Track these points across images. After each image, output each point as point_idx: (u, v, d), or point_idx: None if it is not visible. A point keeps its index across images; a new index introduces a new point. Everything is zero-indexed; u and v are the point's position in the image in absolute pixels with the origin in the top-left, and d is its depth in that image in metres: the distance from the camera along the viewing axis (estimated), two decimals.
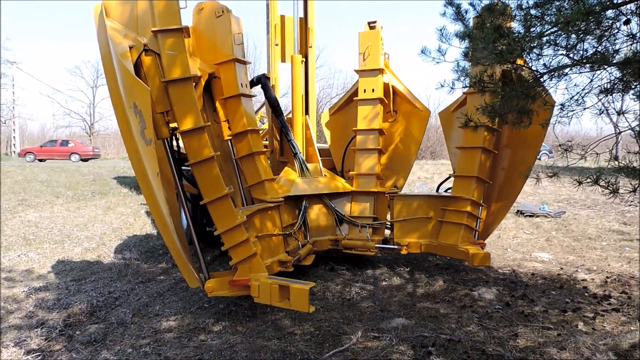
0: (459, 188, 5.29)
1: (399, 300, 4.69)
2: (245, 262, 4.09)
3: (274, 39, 6.31)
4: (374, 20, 5.89)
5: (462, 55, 3.29)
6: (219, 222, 4.03)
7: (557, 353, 3.46)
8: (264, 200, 4.86)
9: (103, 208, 10.41)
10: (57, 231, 8.05)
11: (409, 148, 6.01)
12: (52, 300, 4.69)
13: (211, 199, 3.96)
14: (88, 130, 36.10)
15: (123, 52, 3.47)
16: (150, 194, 3.36)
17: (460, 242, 5.10)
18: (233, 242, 4.05)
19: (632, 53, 2.49)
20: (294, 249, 5.06)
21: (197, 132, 3.91)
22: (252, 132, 4.76)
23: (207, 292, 4.00)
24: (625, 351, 3.47)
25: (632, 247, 6.71)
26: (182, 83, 3.84)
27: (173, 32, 3.78)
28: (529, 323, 4.01)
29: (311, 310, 3.72)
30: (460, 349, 3.54)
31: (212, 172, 3.96)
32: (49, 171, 18.41)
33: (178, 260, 3.70)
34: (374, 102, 5.78)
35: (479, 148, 5.10)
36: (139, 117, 3.38)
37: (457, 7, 3.58)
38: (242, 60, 4.72)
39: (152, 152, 3.54)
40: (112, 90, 3.23)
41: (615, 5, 2.76)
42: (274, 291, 3.81)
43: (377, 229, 5.68)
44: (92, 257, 6.37)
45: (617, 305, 4.42)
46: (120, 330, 4.03)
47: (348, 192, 5.80)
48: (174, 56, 3.79)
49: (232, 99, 4.72)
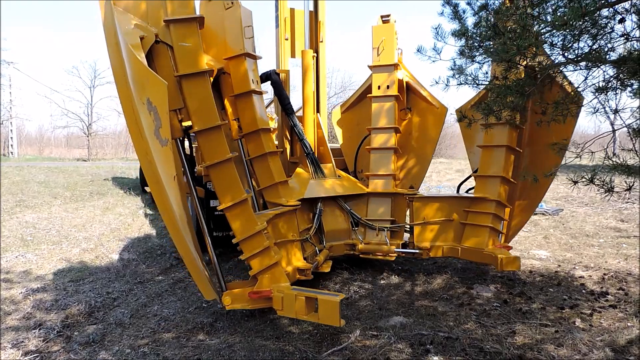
0: (483, 188, 5.03)
1: (397, 298, 4.70)
2: (265, 272, 3.82)
3: (284, 33, 6.04)
4: (387, 14, 5.66)
5: (458, 53, 3.30)
6: (238, 229, 3.75)
7: (555, 350, 3.48)
8: (278, 204, 4.58)
9: (101, 208, 10.39)
10: (55, 232, 8.03)
11: (424, 147, 5.76)
12: (50, 301, 4.69)
13: (229, 204, 3.69)
14: (86, 130, 35.94)
15: (134, 42, 3.19)
16: (163, 200, 3.06)
17: (486, 245, 4.85)
18: (253, 251, 3.77)
19: (628, 52, 2.50)
20: (311, 255, 4.83)
21: (214, 131, 3.65)
22: (264, 131, 4.48)
23: (224, 306, 3.74)
24: (622, 347, 3.49)
25: (629, 244, 6.74)
26: (198, 78, 3.57)
27: (187, 22, 3.50)
28: (527, 320, 4.03)
29: (342, 325, 3.44)
30: (458, 346, 3.55)
31: (230, 175, 3.71)
32: (47, 172, 18.37)
33: (193, 271, 3.44)
34: (389, 99, 5.51)
35: (503, 146, 4.85)
36: (154, 115, 3.08)
37: (454, 6, 3.60)
38: (253, 55, 4.41)
39: (167, 154, 3.24)
40: (121, 84, 2.95)
41: (610, 4, 2.77)
42: (300, 303, 3.51)
43: (395, 232, 5.41)
44: (90, 258, 6.36)
45: (614, 301, 4.44)
46: (118, 330, 4.03)
47: (364, 194, 5.51)
48: (188, 48, 3.51)
49: (243, 96, 4.42)
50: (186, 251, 3.29)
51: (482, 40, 2.99)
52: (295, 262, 4.50)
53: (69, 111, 38.02)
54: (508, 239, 5.33)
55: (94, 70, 47.10)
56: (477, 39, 3.08)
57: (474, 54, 3.13)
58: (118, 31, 2.98)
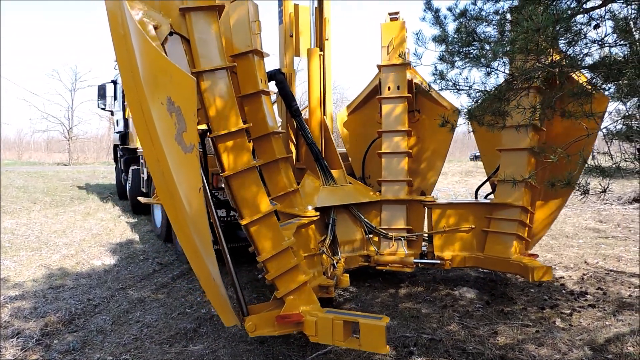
0: (505, 194, 4.71)
1: (382, 301, 4.72)
2: (293, 293, 3.41)
3: (288, 29, 5.70)
4: (395, 12, 5.37)
5: (439, 59, 3.35)
6: (264, 247, 3.34)
7: (536, 349, 3.54)
8: (293, 215, 4.17)
9: (82, 214, 10.22)
10: (34, 238, 7.87)
11: (435, 151, 5.45)
12: (28, 309, 4.59)
13: (255, 218, 3.27)
14: (67, 134, 35.33)
15: (150, 32, 2.81)
16: (178, 216, 2.66)
17: (512, 254, 4.57)
18: (280, 270, 3.34)
19: (601, 58, 2.57)
20: (328, 270, 4.46)
21: (237, 136, 3.26)
22: (275, 135, 4.05)
23: (248, 332, 3.32)
24: (600, 346, 3.56)
25: (607, 245, 6.89)
26: (217, 75, 3.19)
27: (207, 11, 3.12)
28: (509, 321, 4.09)
29: (387, 352, 3.11)
30: (442, 348, 3.58)
31: (254, 185, 3.32)
32: (26, 176, 18.01)
33: (214, 298, 3.06)
34: (400, 100, 5.20)
35: (525, 150, 4.55)
36: (176, 116, 2.67)
37: (436, 11, 3.65)
38: (261, 53, 4.02)
39: (192, 162, 2.78)
40: (128, 80, 2.57)
41: (586, 10, 2.85)
42: (337, 329, 3.11)
43: (412, 242, 5.09)
44: (71, 264, 6.25)
45: (593, 301, 4.54)
46: (99, 338, 3.97)
47: (376, 201, 5.16)
48: (206, 41, 3.13)
49: (252, 97, 3.95)
50: (206, 277, 2.91)
51: (462, 46, 3.04)
52: (316, 278, 4.07)
53: (49, 115, 37.43)
54: (529, 247, 5.04)
55: (74, 74, 46.55)
56: (457, 45, 3.13)
57: (454, 60, 3.18)
58: (128, 19, 2.53)
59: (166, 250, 6.95)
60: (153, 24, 2.88)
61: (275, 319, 3.32)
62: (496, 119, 3.55)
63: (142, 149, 2.58)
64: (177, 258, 6.48)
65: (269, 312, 3.39)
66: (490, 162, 5.17)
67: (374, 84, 5.61)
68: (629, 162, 2.38)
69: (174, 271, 5.91)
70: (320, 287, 3.97)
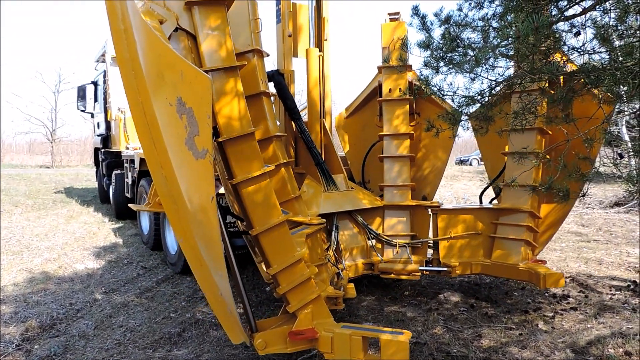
0: (512, 198, 4.59)
1: (367, 305, 4.73)
2: (306, 307, 3.22)
3: (287, 29, 5.45)
4: (395, 12, 5.21)
5: (423, 64, 3.39)
6: (275, 258, 3.15)
7: (519, 352, 3.58)
8: (296, 222, 3.95)
9: (65, 217, 10.06)
10: (15, 241, 7.72)
11: (437, 155, 5.29)
12: (8, 313, 4.50)
13: (265, 228, 3.09)
14: (50, 136, 34.75)
15: (158, 27, 2.64)
16: (182, 225, 2.40)
17: (521, 261, 4.46)
18: (292, 283, 3.15)
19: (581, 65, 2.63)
20: (334, 279, 4.29)
21: (248, 140, 3.07)
22: (277, 138, 3.84)
23: (257, 350, 3.12)
24: (582, 348, 3.62)
25: (589, 248, 7.01)
26: (227, 74, 3.00)
27: (215, 5, 2.93)
28: (492, 324, 4.13)
29: None
30: (426, 351, 3.61)
31: (267, 193, 3.13)
32: (7, 179, 17.67)
33: (220, 315, 2.80)
34: (402, 103, 5.05)
35: (531, 153, 4.36)
36: (187, 119, 2.47)
37: (422, 17, 3.69)
38: (261, 52, 3.83)
39: (205, 168, 2.57)
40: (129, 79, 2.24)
41: (567, 17, 2.91)
42: (356, 345, 2.95)
43: (416, 249, 4.93)
44: (53, 268, 6.15)
45: (575, 304, 4.61)
46: (81, 343, 3.91)
47: (379, 207, 5.00)
48: (215, 38, 2.94)
49: (253, 99, 3.68)
50: (214, 293, 2.66)
51: (446, 52, 3.08)
52: (323, 289, 3.85)
53: (31, 116, 36.83)
54: (536, 253, 4.91)
55: (58, 75, 45.94)
56: (442, 51, 3.17)
57: (439, 65, 3.22)
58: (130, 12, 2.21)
59: (150, 255, 6.88)
60: (158, 18, 2.70)
61: (287, 335, 3.13)
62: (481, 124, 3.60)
63: (144, 152, 2.34)
64: (162, 262, 6.42)
65: (279, 327, 3.20)
66: (494, 166, 5.10)
67: (372, 85, 5.46)
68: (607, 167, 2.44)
69: (159, 275, 5.85)
70: (328, 299, 3.74)
